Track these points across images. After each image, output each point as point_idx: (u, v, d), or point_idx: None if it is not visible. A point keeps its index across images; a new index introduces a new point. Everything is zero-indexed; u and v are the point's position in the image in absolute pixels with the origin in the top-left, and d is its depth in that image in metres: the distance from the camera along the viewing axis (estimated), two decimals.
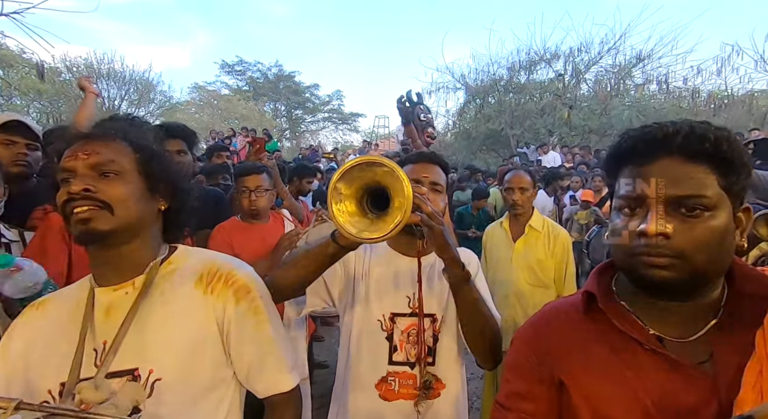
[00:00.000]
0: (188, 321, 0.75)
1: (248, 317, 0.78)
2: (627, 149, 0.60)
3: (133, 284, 0.75)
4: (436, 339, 1.04)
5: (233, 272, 0.80)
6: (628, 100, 12.19)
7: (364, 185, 0.59)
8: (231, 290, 0.78)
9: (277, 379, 0.81)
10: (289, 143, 21.65)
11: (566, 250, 2.12)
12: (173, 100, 18.72)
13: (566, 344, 0.66)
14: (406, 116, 2.87)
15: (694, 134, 0.56)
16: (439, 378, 1.03)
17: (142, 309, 0.74)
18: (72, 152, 0.73)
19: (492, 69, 13.78)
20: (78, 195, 0.69)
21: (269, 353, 0.80)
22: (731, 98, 11.10)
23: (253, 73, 22.83)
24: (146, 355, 0.71)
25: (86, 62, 15.70)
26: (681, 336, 0.60)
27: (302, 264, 0.87)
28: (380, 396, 1.01)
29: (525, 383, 0.69)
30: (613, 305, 0.64)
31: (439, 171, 1.10)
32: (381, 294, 1.05)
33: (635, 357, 0.60)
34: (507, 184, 2.20)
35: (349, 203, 0.59)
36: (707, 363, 0.57)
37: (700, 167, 0.56)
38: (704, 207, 0.55)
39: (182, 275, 0.78)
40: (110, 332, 0.72)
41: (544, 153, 9.31)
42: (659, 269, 0.55)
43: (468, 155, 13.63)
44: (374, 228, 0.58)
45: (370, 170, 0.56)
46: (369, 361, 1.03)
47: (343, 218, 0.59)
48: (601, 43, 12.47)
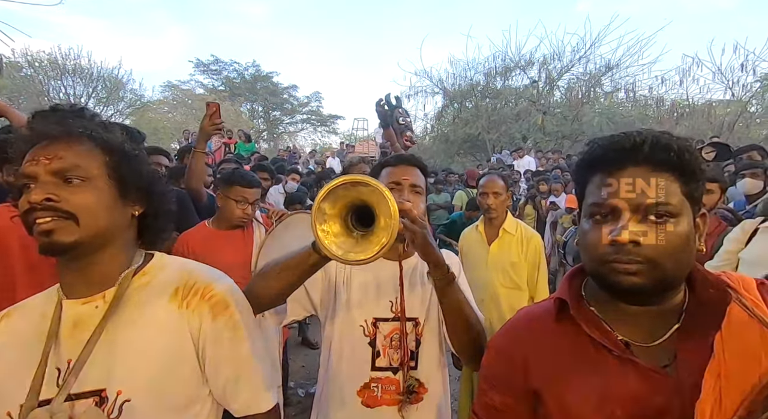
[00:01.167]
0: (161, 337, 0.70)
1: (225, 334, 0.74)
2: (597, 157, 0.61)
3: (104, 297, 0.70)
4: (419, 343, 1.03)
5: (211, 285, 0.75)
6: (598, 108, 12.69)
7: (349, 203, 0.58)
8: (208, 305, 0.73)
9: (253, 399, 0.77)
10: (267, 144, 21.28)
11: (539, 253, 2.17)
12: (144, 98, 18.08)
13: (539, 352, 0.67)
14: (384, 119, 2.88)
15: (659, 144, 0.58)
16: (422, 383, 1.02)
17: (111, 325, 0.68)
18: (33, 155, 0.66)
19: (469, 74, 14.09)
20: (39, 205, 0.64)
21: (246, 372, 0.76)
22: (692, 107, 11.72)
23: (230, 73, 22.35)
24: (114, 375, 0.66)
25: (50, 57, 14.96)
26: (646, 341, 0.61)
27: (282, 275, 0.84)
28: (362, 403, 1.00)
29: (500, 395, 0.69)
30: (583, 311, 0.65)
31: (419, 173, 1.09)
32: (363, 300, 1.04)
33: (605, 363, 0.61)
34: (481, 189, 2.23)
35: (334, 223, 0.58)
36: (671, 366, 0.59)
37: (665, 175, 0.58)
38: (670, 214, 0.57)
39: (157, 287, 0.73)
40: (76, 349, 0.66)
41: (519, 157, 9.54)
42: (630, 276, 0.56)
43: (446, 158, 13.81)
44: (359, 248, 0.57)
45: (354, 189, 0.55)
46: (351, 367, 1.02)
47: (329, 240, 0.58)
48: (573, 51, 12.96)
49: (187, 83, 21.52)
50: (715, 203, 2.10)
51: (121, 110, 17.00)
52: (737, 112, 10.87)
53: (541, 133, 12.37)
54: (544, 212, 5.17)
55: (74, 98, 15.48)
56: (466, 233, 2.40)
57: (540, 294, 2.15)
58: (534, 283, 2.16)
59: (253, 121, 22.02)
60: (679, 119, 11.44)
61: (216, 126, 1.94)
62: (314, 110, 23.78)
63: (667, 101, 12.34)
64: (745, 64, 10.74)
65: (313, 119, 23.90)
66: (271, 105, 22.80)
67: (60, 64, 15.02)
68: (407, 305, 1.02)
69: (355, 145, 14.79)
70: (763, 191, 2.79)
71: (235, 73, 22.36)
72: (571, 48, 12.91)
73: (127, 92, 17.06)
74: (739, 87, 11.07)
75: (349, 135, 20.15)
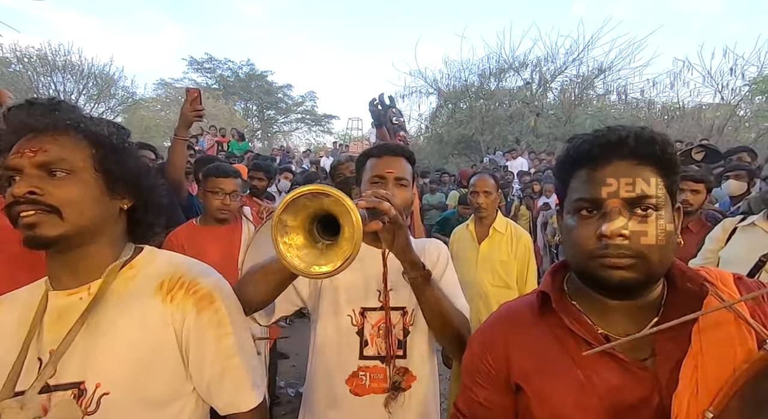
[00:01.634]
0: (143, 331, 0.69)
1: (210, 329, 0.73)
2: (583, 152, 0.61)
3: (89, 290, 0.70)
4: (407, 332, 1.03)
5: (197, 279, 0.74)
6: (591, 110, 12.82)
7: (312, 213, 0.55)
8: (192, 299, 0.72)
9: (238, 397, 0.76)
10: (261, 143, 21.18)
11: (528, 251, 2.19)
12: (137, 96, 17.89)
13: (521, 345, 0.67)
14: (378, 119, 2.87)
15: (643, 138, 0.58)
16: (410, 371, 1.02)
17: (94, 316, 0.68)
18: (18, 147, 0.66)
19: (463, 75, 14.14)
20: (22, 198, 0.63)
21: (230, 369, 0.75)
22: (682, 110, 11.89)
23: (224, 72, 22.21)
24: (94, 367, 0.65)
25: (40, 53, 14.75)
26: (626, 335, 0.61)
27: (269, 278, 0.83)
28: (351, 392, 0.99)
29: (483, 390, 0.69)
30: (565, 305, 0.66)
31: (405, 164, 1.06)
32: (351, 289, 1.03)
33: (585, 356, 0.61)
34: (472, 188, 2.24)
35: (296, 235, 0.55)
36: (649, 359, 0.59)
37: (649, 168, 0.58)
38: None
39: (143, 280, 0.73)
40: (58, 340, 0.66)
41: (513, 158, 9.60)
42: (619, 270, 0.56)
43: (440, 159, 13.85)
44: (324, 260, 0.55)
45: (317, 199, 0.53)
46: (340, 356, 1.01)
47: (291, 253, 0.55)
48: (566, 53, 13.07)
49: (181, 81, 21.33)
50: (701, 203, 2.13)
51: (112, 108, 16.82)
52: (726, 115, 11.04)
53: (534, 134, 12.45)
54: (536, 212, 5.21)
55: (64, 95, 15.28)
56: (456, 232, 2.41)
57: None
58: (523, 282, 2.18)
59: (247, 120, 21.90)
60: (669, 122, 11.59)
61: (197, 112, 1.89)
62: (309, 109, 23.71)
63: (658, 104, 12.52)
64: (734, 68, 10.94)
65: (307, 119, 23.83)
66: (265, 104, 22.70)
67: (50, 60, 14.84)
68: (395, 294, 1.01)
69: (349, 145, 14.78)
70: (747, 192, 2.84)
71: (229, 72, 22.23)
72: (565, 50, 13.05)
73: (119, 90, 16.89)
74: (728, 91, 11.26)
75: (343, 135, 20.13)
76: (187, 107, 1.88)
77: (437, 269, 1.06)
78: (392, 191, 1.01)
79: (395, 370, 0.99)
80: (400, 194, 1.02)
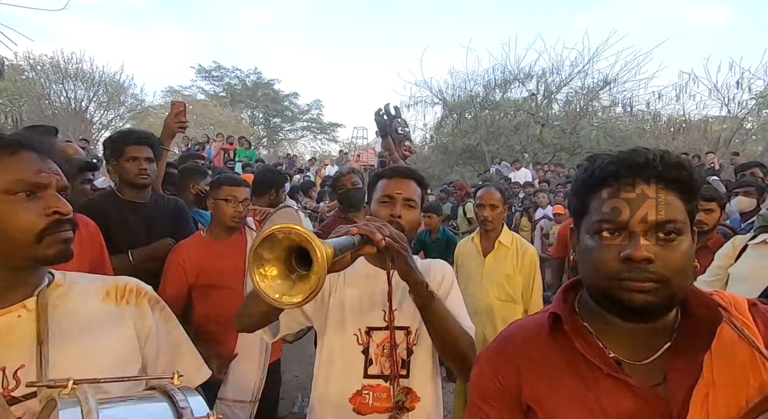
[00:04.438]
0: (105, 333, 0.76)
1: (163, 324, 0.85)
2: (609, 172, 0.60)
3: (25, 307, 0.72)
4: (411, 352, 1.04)
5: (141, 285, 0.85)
6: (596, 121, 12.82)
7: (287, 247, 0.60)
8: (145, 300, 0.83)
9: (192, 374, 0.87)
10: (267, 151, 21.34)
11: (534, 265, 2.17)
12: (145, 103, 18.17)
13: (531, 365, 0.66)
14: (383, 129, 2.89)
15: (670, 162, 0.58)
16: (414, 391, 1.02)
17: (51, 328, 0.71)
18: (41, 166, 0.71)
19: (468, 86, 14.24)
20: (66, 216, 0.70)
21: (182, 354, 0.88)
22: (688, 123, 11.88)
23: (231, 80, 22.54)
24: (66, 371, 0.67)
25: (52, 61, 15.06)
26: (638, 359, 0.61)
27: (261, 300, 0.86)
28: (354, 410, 1.00)
29: (494, 410, 0.68)
30: (576, 326, 0.65)
31: (414, 186, 1.09)
32: (356, 309, 1.05)
33: (596, 379, 0.60)
34: (478, 200, 2.24)
35: (271, 267, 0.60)
36: (661, 385, 0.58)
37: (673, 192, 0.58)
38: (677, 232, 0.57)
39: (81, 294, 0.79)
40: (9, 356, 0.68)
41: (516, 169, 9.60)
42: (642, 294, 0.55)
43: (444, 168, 13.88)
44: (294, 291, 0.60)
45: (288, 235, 0.58)
46: (344, 375, 1.02)
47: (265, 283, 0.60)
48: (571, 65, 13.15)
49: (189, 89, 21.70)
50: (716, 222, 2.10)
51: (121, 115, 17.07)
52: (733, 128, 11.00)
53: (540, 144, 12.46)
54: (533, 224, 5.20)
55: (75, 102, 15.55)
56: (461, 245, 2.40)
57: (534, 307, 2.14)
58: (528, 296, 2.16)
59: (253, 127, 22.11)
60: (675, 134, 11.58)
61: (181, 124, 2.00)
62: (314, 117, 23.93)
63: (664, 116, 12.51)
64: (741, 81, 10.93)
65: (313, 127, 24.03)
66: (271, 112, 22.94)
67: (62, 67, 15.12)
68: (399, 314, 1.02)
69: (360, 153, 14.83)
70: (757, 208, 2.81)
71: (236, 80, 22.55)
72: (570, 62, 13.12)
73: (128, 97, 17.16)
74: (734, 104, 11.24)
75: (348, 143, 20.23)
76: (172, 119, 1.98)
77: (442, 290, 1.07)
78: (400, 211, 1.04)
79: (398, 389, 0.99)
80: (408, 215, 1.04)
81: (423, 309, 0.90)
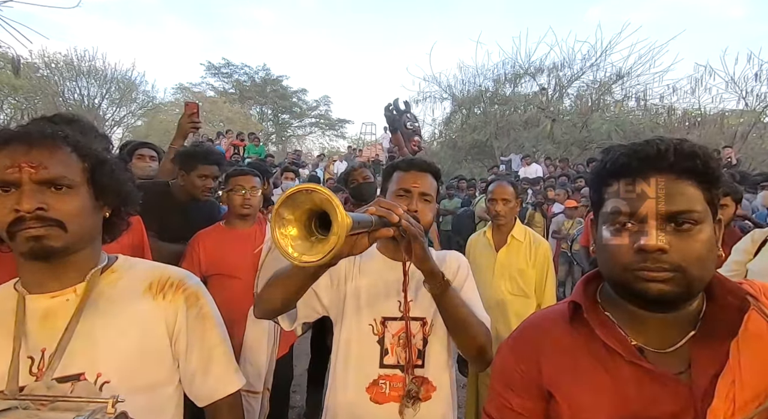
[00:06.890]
0: (137, 326, 0.76)
1: (198, 323, 0.82)
2: (621, 164, 0.60)
3: (75, 291, 0.74)
4: (426, 342, 1.04)
5: (184, 280, 0.83)
6: (608, 115, 12.59)
7: (308, 209, 0.60)
8: (183, 296, 0.81)
9: (224, 381, 0.84)
10: (275, 147, 21.46)
11: (547, 259, 2.15)
12: (156, 100, 18.38)
13: (553, 354, 0.67)
14: (392, 124, 2.90)
15: (684, 152, 0.57)
16: (430, 381, 1.03)
17: (87, 315, 0.72)
18: (14, 161, 0.66)
19: (478, 80, 14.09)
20: (29, 214, 0.65)
21: (217, 357, 0.84)
22: (704, 117, 11.58)
23: (240, 76, 22.66)
24: (94, 359, 0.71)
25: (66, 59, 15.31)
26: (661, 347, 0.61)
27: (285, 284, 0.86)
28: (371, 400, 1.01)
29: (516, 397, 0.69)
30: (597, 315, 0.65)
31: (431, 180, 1.08)
32: (372, 299, 1.05)
33: (618, 367, 0.60)
34: (490, 195, 2.22)
35: (292, 228, 0.61)
36: (685, 373, 0.58)
37: (689, 182, 0.57)
38: (694, 221, 0.56)
39: (128, 282, 0.79)
40: (49, 339, 0.70)
41: (527, 165, 9.50)
42: (658, 283, 0.56)
43: (453, 164, 13.80)
44: (313, 252, 0.60)
45: (310, 196, 0.58)
46: (360, 365, 1.03)
47: (285, 242, 0.60)
48: (583, 59, 12.89)
49: (198, 86, 21.89)
50: (730, 217, 2.07)
51: (133, 111, 17.30)
52: (751, 122, 10.72)
53: (550, 139, 12.30)
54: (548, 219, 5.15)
55: (88, 99, 15.79)
56: (473, 239, 2.39)
57: (547, 302, 2.13)
58: (542, 290, 2.14)
59: (262, 124, 22.24)
60: (690, 128, 11.31)
61: (194, 124, 2.07)
62: (323, 113, 23.98)
63: (679, 110, 12.21)
64: (759, 73, 10.62)
65: (321, 123, 24.08)
66: (280, 108, 23.04)
67: (75, 65, 15.37)
68: (415, 304, 1.02)
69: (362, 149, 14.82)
70: None
71: (245, 77, 22.67)
72: (582, 56, 12.87)
73: (140, 94, 17.38)
74: (752, 97, 10.93)
75: (357, 139, 20.23)
76: (186, 119, 2.06)
77: (457, 280, 1.07)
78: (417, 205, 1.03)
79: (412, 379, 1.00)
80: (424, 209, 1.03)
81: (438, 299, 0.90)
